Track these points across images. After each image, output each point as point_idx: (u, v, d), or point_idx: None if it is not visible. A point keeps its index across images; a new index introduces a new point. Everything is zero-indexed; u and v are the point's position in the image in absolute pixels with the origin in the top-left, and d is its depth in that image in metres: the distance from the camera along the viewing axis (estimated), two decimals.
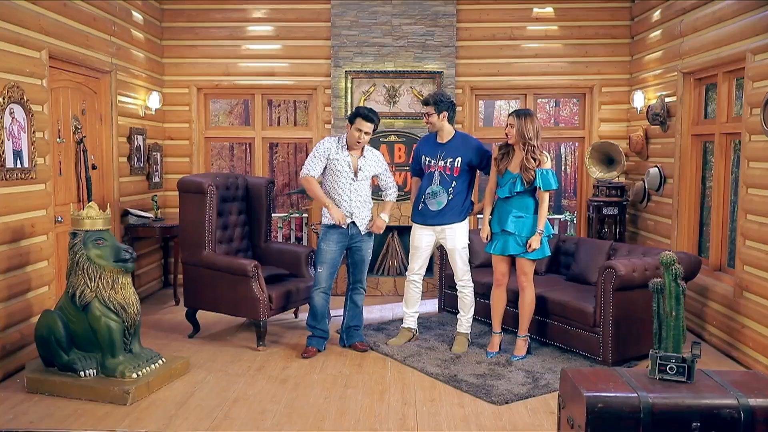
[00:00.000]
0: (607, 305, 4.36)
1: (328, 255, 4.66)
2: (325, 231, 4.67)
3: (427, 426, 3.53)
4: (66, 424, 3.50)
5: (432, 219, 4.72)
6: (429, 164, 4.74)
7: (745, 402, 2.46)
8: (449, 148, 4.70)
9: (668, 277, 2.78)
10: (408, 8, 6.64)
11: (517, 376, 4.24)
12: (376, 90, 6.73)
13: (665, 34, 5.92)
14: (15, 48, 4.17)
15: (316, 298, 4.70)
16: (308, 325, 4.77)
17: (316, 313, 4.72)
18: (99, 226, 3.98)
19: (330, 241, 4.65)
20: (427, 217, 4.74)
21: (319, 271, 4.67)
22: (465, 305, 4.84)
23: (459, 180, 4.68)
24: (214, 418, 3.60)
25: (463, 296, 4.83)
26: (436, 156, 4.72)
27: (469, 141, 4.77)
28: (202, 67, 6.90)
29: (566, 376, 2.76)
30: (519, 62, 6.86)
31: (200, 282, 4.98)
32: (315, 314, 4.72)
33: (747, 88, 4.56)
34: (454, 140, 4.73)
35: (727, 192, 5.19)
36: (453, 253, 4.76)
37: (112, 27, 5.63)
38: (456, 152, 4.68)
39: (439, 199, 4.68)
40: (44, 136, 4.55)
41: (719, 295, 4.90)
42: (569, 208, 18.21)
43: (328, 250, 4.66)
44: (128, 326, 4.01)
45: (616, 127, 6.85)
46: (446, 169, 4.67)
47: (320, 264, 4.67)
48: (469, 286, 4.82)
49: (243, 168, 18.28)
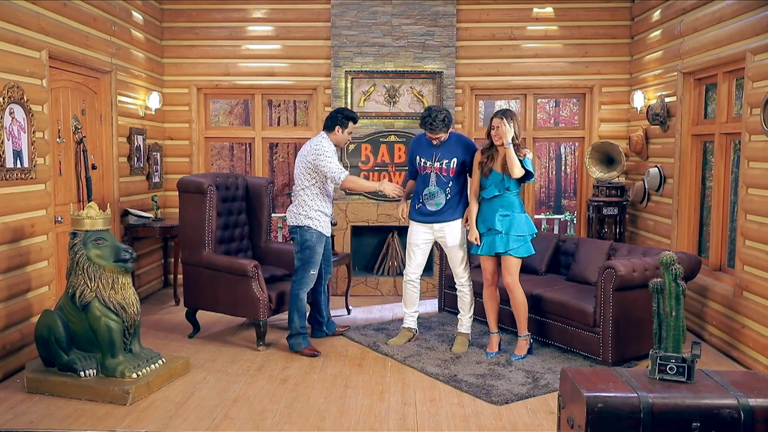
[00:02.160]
0: (607, 305, 4.36)
1: (318, 257, 4.79)
2: (319, 236, 4.76)
3: (427, 426, 3.53)
4: (66, 424, 3.50)
5: (430, 217, 4.74)
6: (424, 165, 4.73)
7: (745, 402, 2.46)
8: (444, 150, 4.70)
9: (668, 277, 2.78)
10: (408, 8, 6.64)
11: (517, 376, 4.24)
12: (376, 90, 6.73)
13: (665, 34, 5.92)
14: (15, 48, 4.17)
15: (305, 298, 4.81)
16: (301, 327, 4.77)
17: (305, 313, 4.83)
18: (99, 226, 3.98)
19: (320, 245, 4.78)
20: (425, 215, 4.76)
21: (312, 273, 4.76)
22: (465, 304, 4.84)
23: (455, 180, 4.69)
24: (214, 418, 3.60)
25: (463, 295, 4.84)
26: (431, 157, 4.71)
27: (463, 141, 4.79)
28: (202, 67, 6.90)
29: (566, 376, 2.76)
30: (519, 62, 6.86)
31: (200, 282, 4.98)
32: (304, 314, 4.82)
33: (747, 88, 4.56)
34: (449, 141, 4.72)
35: (727, 192, 5.20)
36: (452, 251, 4.76)
37: (112, 27, 5.63)
38: (451, 153, 4.68)
39: (438, 200, 4.69)
40: (44, 136, 4.55)
41: (719, 295, 4.90)
42: (569, 208, 18.22)
43: (319, 253, 4.79)
44: (128, 326, 4.01)
45: (616, 127, 6.85)
46: (442, 170, 4.68)
47: (313, 266, 4.76)
48: (468, 285, 4.82)
49: (243, 168, 18.29)
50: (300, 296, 4.76)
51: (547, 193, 22.25)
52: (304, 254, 4.74)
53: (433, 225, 4.75)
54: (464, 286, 4.82)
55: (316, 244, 4.74)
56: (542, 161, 22.33)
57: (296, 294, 4.76)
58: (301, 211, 4.74)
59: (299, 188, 4.78)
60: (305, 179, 4.74)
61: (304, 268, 4.75)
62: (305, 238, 4.73)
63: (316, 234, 4.74)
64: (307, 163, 4.71)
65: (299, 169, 4.77)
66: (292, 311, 4.76)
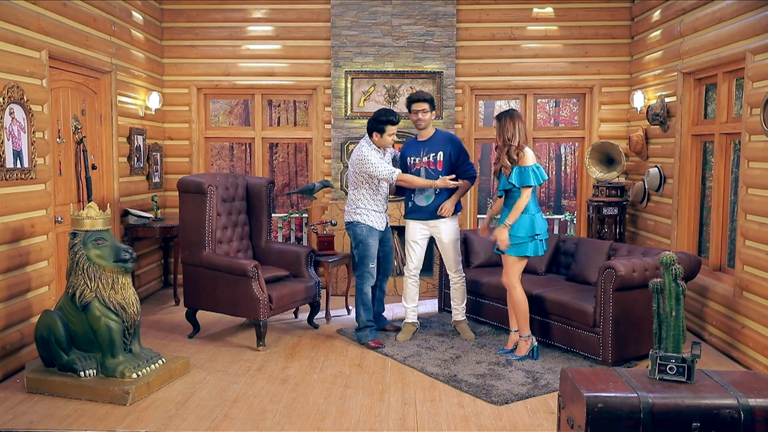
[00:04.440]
0: (607, 305, 4.36)
1: (373, 251, 4.94)
2: (369, 230, 4.91)
3: (427, 426, 3.53)
4: (66, 424, 3.50)
5: (424, 215, 4.90)
6: (413, 162, 4.93)
7: (745, 402, 2.47)
8: (431, 144, 4.91)
9: (668, 277, 2.78)
10: (408, 8, 6.64)
11: (517, 376, 4.24)
12: (375, 90, 6.73)
13: (665, 34, 5.92)
14: (15, 48, 4.17)
15: (369, 292, 4.96)
16: (368, 320, 4.93)
17: (370, 306, 4.98)
18: (99, 226, 3.97)
19: (374, 238, 4.94)
20: (419, 213, 4.92)
21: (371, 267, 4.93)
22: (460, 295, 5.06)
23: (443, 174, 4.83)
24: (214, 418, 3.60)
25: (459, 286, 5.04)
26: (419, 153, 4.92)
27: (449, 136, 4.99)
28: (202, 68, 6.90)
29: (566, 376, 2.76)
30: (519, 62, 6.86)
31: (200, 282, 4.98)
32: (370, 307, 4.98)
33: (747, 88, 4.56)
34: (435, 136, 4.94)
35: (727, 192, 5.19)
36: (447, 246, 4.94)
37: (112, 27, 5.63)
38: (437, 147, 4.88)
39: (426, 193, 4.87)
40: (44, 136, 4.55)
41: (719, 295, 4.90)
42: (569, 208, 18.21)
43: (374, 245, 4.94)
44: (128, 326, 4.01)
45: (616, 127, 6.85)
46: (429, 163, 4.88)
47: (370, 260, 4.93)
48: (463, 275, 5.04)
49: (243, 168, 18.28)
50: (363, 290, 4.94)
51: (547, 193, 22.24)
52: (359, 249, 4.95)
53: (428, 221, 4.91)
54: (461, 278, 5.03)
55: (367, 237, 4.91)
56: (542, 161, 22.33)
57: (360, 288, 4.95)
58: (351, 209, 4.98)
59: (351, 188, 5.01)
60: (355, 180, 4.94)
61: (362, 262, 4.96)
62: (356, 233, 4.95)
63: (366, 228, 4.92)
64: (355, 168, 4.89)
65: (350, 171, 5.01)
66: (357, 305, 4.96)
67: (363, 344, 4.90)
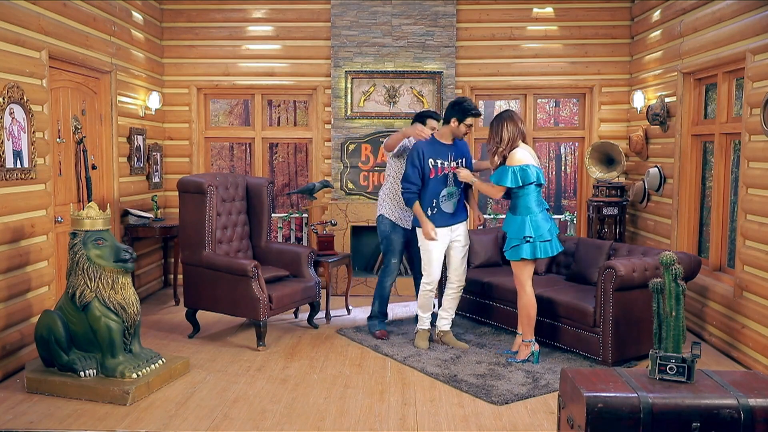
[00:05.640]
0: (607, 305, 4.36)
1: (396, 246, 5.07)
2: (392, 225, 5.06)
3: (427, 426, 3.53)
4: (66, 424, 3.50)
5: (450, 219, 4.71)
6: (441, 166, 4.64)
7: (745, 402, 2.46)
8: (457, 149, 4.77)
9: (668, 277, 2.78)
10: (408, 8, 6.64)
11: (517, 376, 4.24)
12: (376, 90, 6.73)
13: (665, 34, 5.92)
14: (15, 48, 4.17)
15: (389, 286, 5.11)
16: (380, 311, 5.12)
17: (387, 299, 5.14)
18: (99, 226, 3.97)
19: (398, 234, 5.06)
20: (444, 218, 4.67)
21: (394, 262, 5.09)
22: (456, 303, 4.89)
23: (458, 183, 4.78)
24: (214, 418, 3.60)
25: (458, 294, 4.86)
26: (447, 157, 4.68)
27: (463, 141, 4.89)
28: (202, 68, 6.90)
29: (566, 376, 2.76)
30: (519, 62, 6.86)
31: (200, 282, 4.98)
32: (386, 300, 5.13)
33: (747, 88, 4.56)
34: (457, 141, 4.79)
35: (727, 192, 5.19)
36: (463, 250, 4.77)
37: (112, 27, 5.63)
38: (461, 153, 4.80)
39: (455, 199, 4.74)
40: (44, 136, 4.55)
41: (719, 295, 4.90)
42: (569, 208, 18.21)
43: (397, 241, 5.07)
44: (128, 326, 4.01)
45: (616, 127, 6.86)
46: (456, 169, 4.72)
47: (393, 255, 5.08)
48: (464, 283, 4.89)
49: (243, 168, 18.28)
50: (384, 284, 5.10)
51: (547, 193, 22.24)
52: (383, 244, 5.13)
53: (452, 227, 4.73)
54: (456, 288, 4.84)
55: (390, 233, 5.06)
56: (542, 161, 22.33)
57: (380, 281, 5.13)
58: (379, 202, 5.18)
59: (385, 180, 5.21)
60: (387, 174, 5.17)
61: (386, 256, 5.13)
62: (380, 228, 5.13)
63: (389, 223, 5.06)
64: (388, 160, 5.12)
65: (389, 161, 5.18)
66: (375, 295, 5.15)
67: (371, 333, 5.10)
